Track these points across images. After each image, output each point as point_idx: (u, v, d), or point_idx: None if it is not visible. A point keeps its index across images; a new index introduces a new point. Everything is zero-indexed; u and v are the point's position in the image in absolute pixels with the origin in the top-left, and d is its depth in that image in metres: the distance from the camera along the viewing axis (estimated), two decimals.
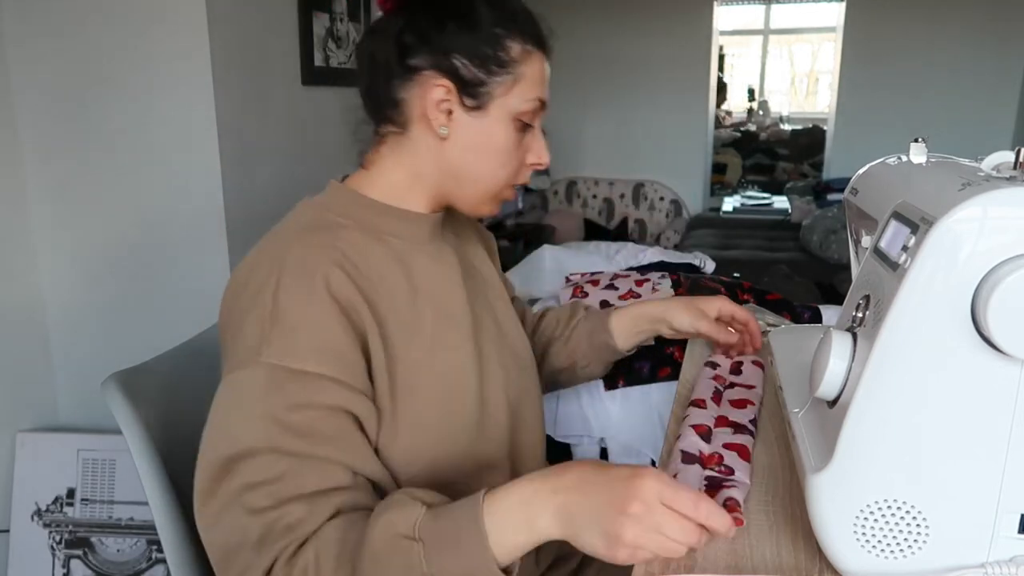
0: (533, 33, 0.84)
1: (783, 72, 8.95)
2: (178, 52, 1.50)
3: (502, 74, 0.81)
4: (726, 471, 0.76)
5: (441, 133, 0.81)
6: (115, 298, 1.63)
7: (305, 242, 0.77)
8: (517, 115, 0.82)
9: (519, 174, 0.87)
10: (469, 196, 0.86)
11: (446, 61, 0.80)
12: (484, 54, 0.80)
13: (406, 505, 0.63)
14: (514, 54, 0.81)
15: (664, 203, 4.51)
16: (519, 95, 0.82)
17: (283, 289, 0.72)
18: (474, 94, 0.81)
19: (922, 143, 0.72)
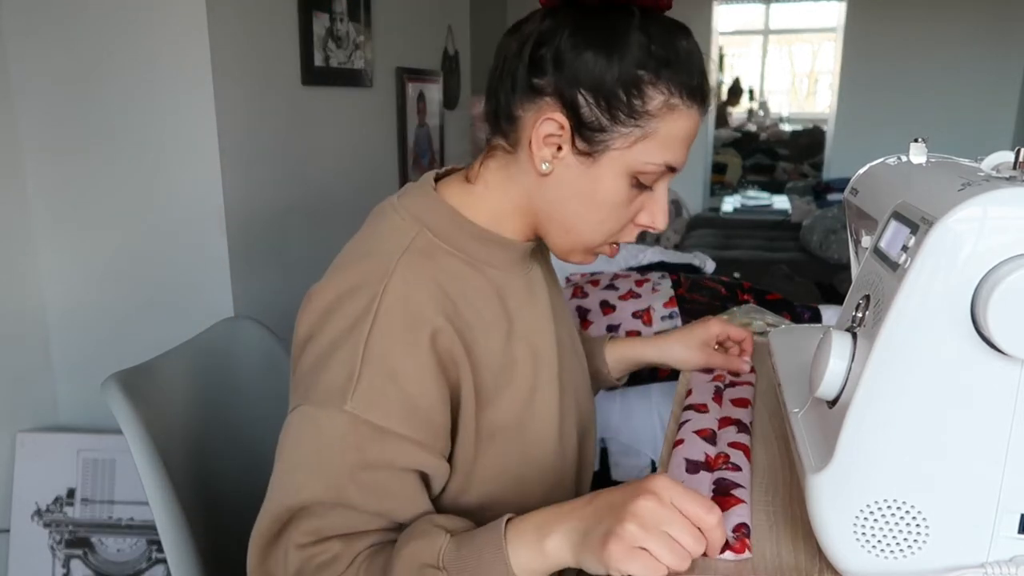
0: (688, 85, 0.70)
1: (783, 72, 8.95)
2: (178, 52, 1.50)
3: (629, 124, 0.70)
4: (733, 468, 0.76)
5: (542, 169, 0.72)
6: (115, 298, 1.63)
7: (409, 274, 0.70)
8: (635, 174, 0.72)
9: (624, 232, 0.77)
10: (561, 242, 0.78)
11: (571, 91, 0.70)
12: (614, 96, 0.69)
13: (429, 534, 0.62)
14: (651, 106, 0.69)
15: None
16: (642, 154, 0.71)
17: (381, 332, 0.66)
18: (589, 139, 0.70)
19: (922, 143, 0.72)
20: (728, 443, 0.81)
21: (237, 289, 1.61)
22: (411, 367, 0.67)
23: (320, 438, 0.66)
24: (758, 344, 1.17)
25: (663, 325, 1.75)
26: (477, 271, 0.76)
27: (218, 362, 1.05)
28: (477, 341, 0.73)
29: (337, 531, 0.65)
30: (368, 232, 0.77)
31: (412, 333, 0.67)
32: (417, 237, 0.74)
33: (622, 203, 0.74)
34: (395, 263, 0.70)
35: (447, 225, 0.76)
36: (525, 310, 0.80)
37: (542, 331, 0.81)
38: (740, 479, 0.74)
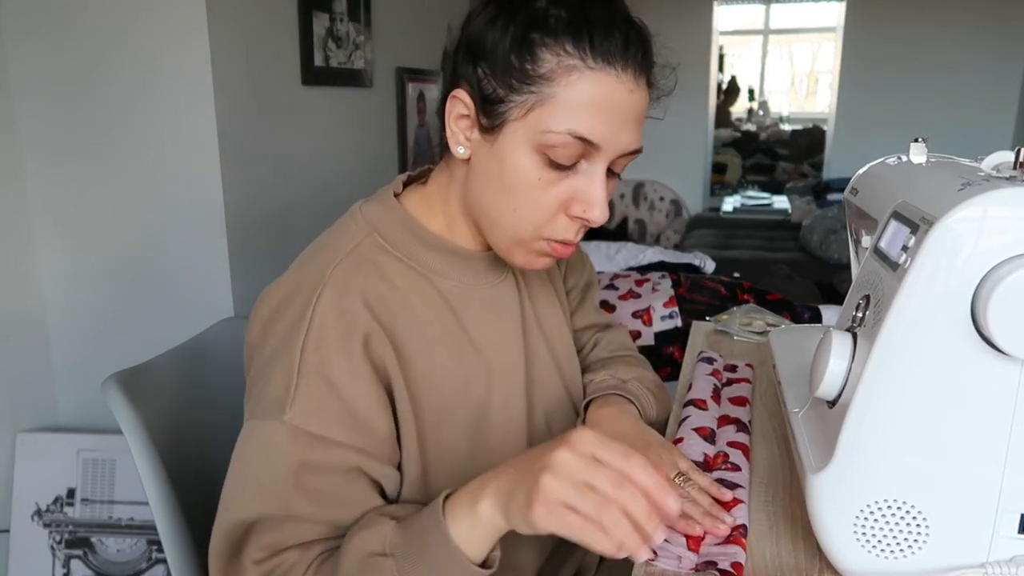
0: (594, 44, 0.63)
1: (783, 72, 8.95)
2: (178, 52, 1.50)
3: (523, 91, 0.64)
4: (732, 468, 0.76)
5: (459, 153, 0.69)
6: (115, 298, 1.63)
7: (344, 281, 0.68)
8: (539, 147, 0.65)
9: (555, 225, 0.68)
10: (494, 240, 0.71)
11: (472, 67, 0.66)
12: (507, 63, 0.64)
13: (374, 523, 0.62)
14: (544, 68, 0.63)
15: (664, 203, 4.51)
16: (539, 121, 0.64)
17: (316, 342, 0.65)
18: (489, 112, 0.66)
19: (922, 143, 0.72)
20: (727, 442, 0.81)
21: (237, 289, 1.61)
22: (347, 375, 0.65)
23: (264, 451, 0.65)
24: (758, 344, 1.18)
25: (663, 325, 1.76)
26: (427, 281, 0.73)
27: (218, 362, 1.05)
28: (419, 352, 0.70)
29: (291, 542, 0.64)
30: (325, 235, 0.75)
31: (346, 341, 0.66)
32: (364, 242, 0.71)
33: (535, 185, 0.66)
34: (332, 270, 0.68)
35: (399, 232, 0.73)
36: (485, 324, 0.75)
37: (505, 347, 0.77)
38: (739, 479, 0.74)
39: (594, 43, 0.63)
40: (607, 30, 0.64)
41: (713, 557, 0.64)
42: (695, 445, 0.80)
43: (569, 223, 0.69)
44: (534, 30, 0.64)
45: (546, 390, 0.82)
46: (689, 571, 0.63)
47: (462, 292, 0.75)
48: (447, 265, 0.74)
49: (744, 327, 1.23)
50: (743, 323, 1.24)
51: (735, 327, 1.23)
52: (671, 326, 1.74)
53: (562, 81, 0.63)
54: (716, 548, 0.65)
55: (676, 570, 0.63)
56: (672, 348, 1.69)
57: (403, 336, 0.70)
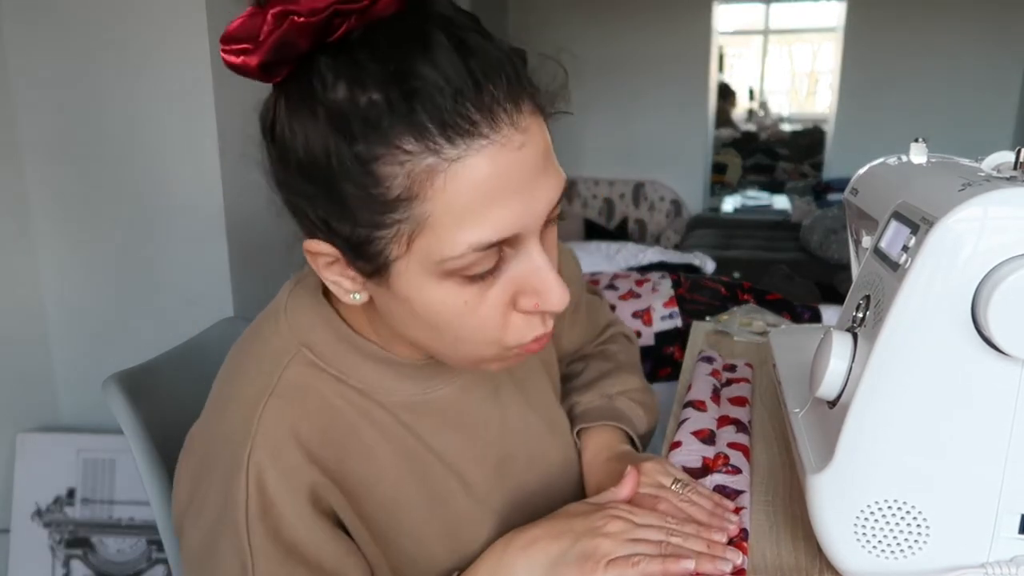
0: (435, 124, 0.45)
1: (783, 72, 8.95)
2: (178, 52, 1.50)
3: (390, 223, 0.48)
4: (733, 471, 0.76)
5: (354, 300, 0.55)
6: (115, 298, 1.63)
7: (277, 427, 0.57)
8: (444, 273, 0.50)
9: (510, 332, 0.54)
10: (461, 357, 0.57)
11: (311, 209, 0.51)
12: (349, 196, 0.48)
13: None
14: (397, 189, 0.47)
15: (664, 203, 4.51)
16: (429, 252, 0.49)
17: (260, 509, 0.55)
18: (361, 254, 0.50)
19: (922, 143, 0.72)
20: (727, 443, 0.81)
21: (237, 289, 1.61)
22: (304, 532, 0.56)
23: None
24: (758, 344, 1.18)
25: (663, 325, 1.76)
26: (369, 399, 0.61)
27: (218, 362, 1.05)
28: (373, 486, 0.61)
29: None
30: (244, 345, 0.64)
31: (293, 501, 0.56)
32: (292, 363, 0.59)
33: (464, 309, 0.51)
34: (258, 416, 0.57)
35: (333, 344, 0.60)
36: (447, 432, 0.65)
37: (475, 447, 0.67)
38: (739, 483, 0.74)
39: (438, 118, 0.45)
40: (442, 86, 0.45)
41: None
42: (694, 449, 0.80)
43: (527, 319, 0.54)
44: (355, 142, 0.46)
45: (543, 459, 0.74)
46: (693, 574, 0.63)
47: (412, 402, 0.63)
48: (391, 379, 0.62)
49: (744, 327, 1.23)
50: (743, 323, 1.24)
51: (735, 327, 1.23)
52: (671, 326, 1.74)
53: (427, 193, 0.47)
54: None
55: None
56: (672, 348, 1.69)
57: (353, 473, 0.60)
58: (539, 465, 0.73)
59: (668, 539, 0.60)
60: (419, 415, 0.63)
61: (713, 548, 0.61)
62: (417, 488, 0.63)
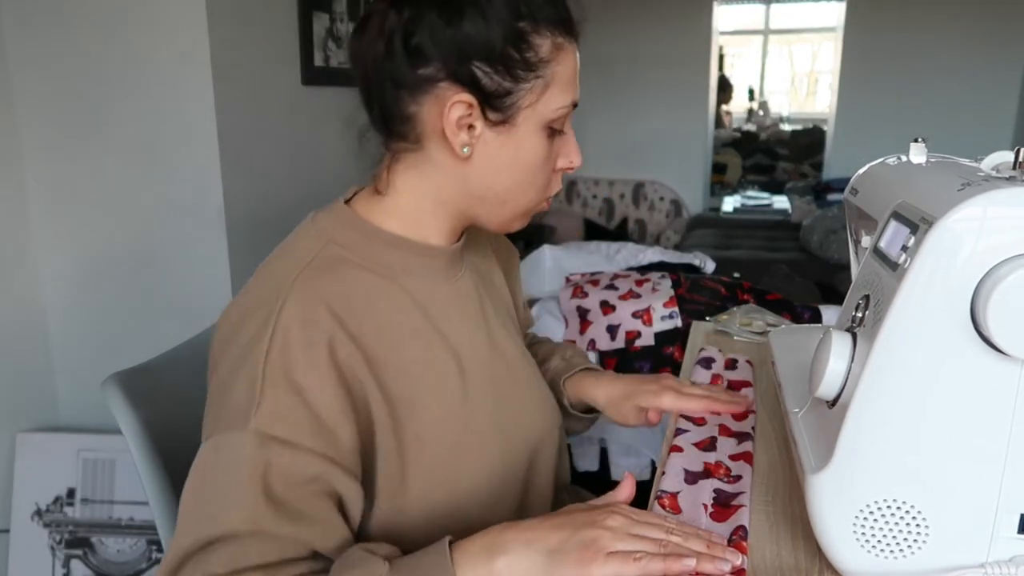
0: (563, 20, 0.71)
1: (783, 72, 8.95)
2: (178, 52, 1.50)
3: (531, 78, 0.69)
4: (734, 480, 0.76)
5: (463, 153, 0.70)
6: (115, 298, 1.63)
7: (306, 291, 0.67)
8: (549, 123, 0.71)
9: (551, 184, 0.77)
10: (497, 216, 0.76)
11: (464, 68, 0.67)
12: (508, 56, 0.68)
13: (366, 562, 0.59)
14: (544, 52, 0.69)
15: (664, 203, 4.51)
16: (551, 101, 0.71)
17: (280, 350, 0.64)
18: (499, 106, 0.69)
19: (922, 143, 0.72)
20: (728, 455, 0.80)
21: (237, 289, 1.60)
22: (314, 381, 0.64)
23: (228, 464, 0.62)
24: (758, 344, 1.18)
25: (663, 325, 1.76)
26: (391, 281, 0.73)
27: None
28: (388, 351, 0.70)
29: (255, 561, 0.60)
30: (279, 248, 0.76)
31: (310, 350, 0.65)
32: (322, 252, 0.72)
33: (545, 156, 0.73)
34: (292, 281, 0.68)
35: (356, 237, 0.74)
36: (453, 319, 0.77)
37: (471, 341, 0.78)
38: (741, 487, 0.74)
39: (563, 20, 0.71)
40: (561, 5, 0.72)
41: None
42: (694, 457, 0.80)
43: (557, 178, 0.77)
44: (519, 20, 0.68)
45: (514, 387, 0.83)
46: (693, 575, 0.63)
47: (425, 289, 0.76)
48: (408, 263, 0.75)
49: (744, 327, 1.23)
50: (743, 323, 1.24)
51: (735, 327, 1.23)
52: (671, 326, 1.74)
53: (557, 59, 0.70)
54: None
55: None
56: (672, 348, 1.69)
57: (371, 339, 0.69)
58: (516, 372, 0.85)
59: (668, 537, 0.61)
60: (431, 299, 0.76)
61: (713, 548, 0.61)
62: (425, 362, 0.73)
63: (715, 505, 0.72)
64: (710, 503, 0.72)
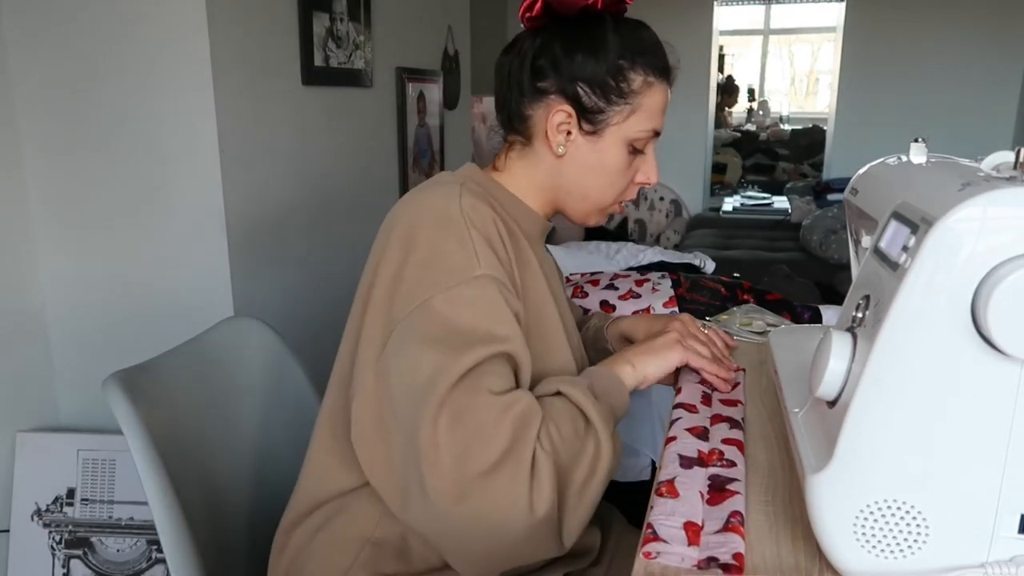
0: (657, 65, 0.90)
1: (783, 72, 8.94)
2: (178, 52, 1.50)
3: (621, 104, 0.89)
4: (728, 464, 0.77)
5: (558, 152, 0.90)
6: (115, 298, 1.63)
7: (471, 195, 0.83)
8: (630, 141, 0.90)
9: (627, 192, 0.96)
10: (579, 208, 0.95)
11: (571, 87, 0.88)
12: (606, 84, 0.88)
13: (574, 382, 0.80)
14: (635, 86, 0.89)
15: (664, 203, 4.50)
16: (634, 124, 0.90)
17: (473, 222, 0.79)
18: (592, 120, 0.89)
19: (922, 143, 0.72)
20: (721, 439, 0.82)
21: (237, 289, 1.61)
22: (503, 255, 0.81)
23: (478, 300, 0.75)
24: (758, 344, 1.18)
25: None
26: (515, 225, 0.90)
27: (219, 362, 1.05)
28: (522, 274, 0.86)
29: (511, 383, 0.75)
30: (422, 186, 0.89)
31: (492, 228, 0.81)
32: (465, 183, 0.86)
33: (624, 167, 0.92)
34: (459, 188, 0.83)
35: (489, 185, 0.92)
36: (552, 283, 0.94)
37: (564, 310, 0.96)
38: (735, 474, 0.75)
39: (657, 64, 0.90)
40: (659, 54, 0.91)
41: (713, 551, 0.64)
42: (688, 443, 0.81)
43: (633, 188, 0.97)
44: (622, 59, 0.88)
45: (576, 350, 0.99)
46: (692, 568, 0.63)
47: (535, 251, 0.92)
48: (523, 217, 0.93)
49: (744, 327, 1.23)
50: (743, 323, 1.24)
51: (735, 327, 1.23)
52: None
53: (645, 93, 0.90)
54: (715, 539, 0.65)
55: (678, 567, 0.63)
56: None
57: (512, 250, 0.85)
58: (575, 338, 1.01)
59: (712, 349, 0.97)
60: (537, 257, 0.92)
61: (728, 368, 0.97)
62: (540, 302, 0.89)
63: (711, 491, 0.72)
64: (705, 490, 0.73)
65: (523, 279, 0.86)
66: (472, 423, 0.68)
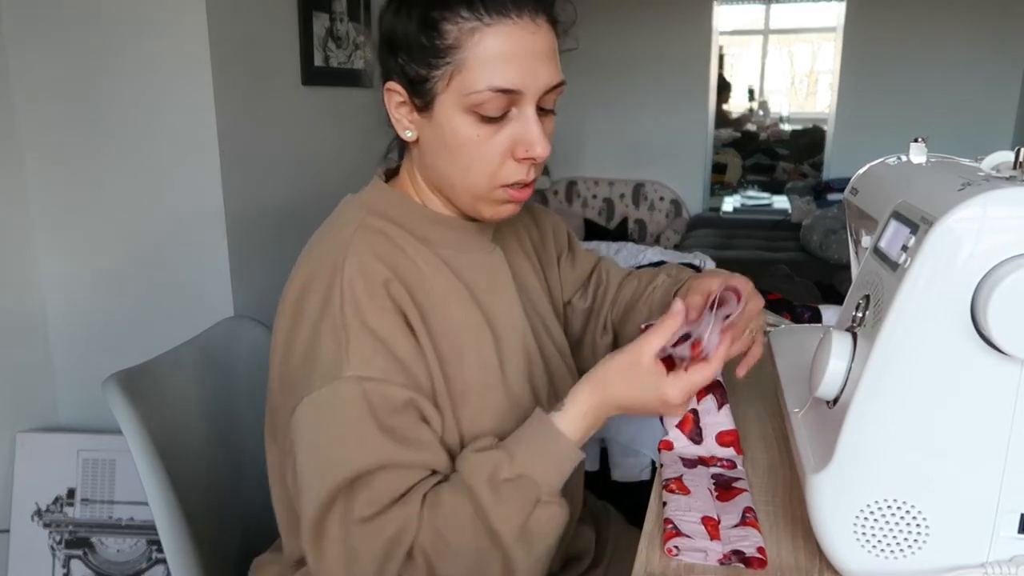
0: (481, 1, 0.69)
1: (783, 72, 8.94)
2: (178, 52, 1.50)
3: (440, 65, 0.70)
4: (728, 465, 0.77)
5: (406, 137, 0.76)
6: (115, 298, 1.63)
7: (361, 245, 0.74)
8: (470, 108, 0.71)
9: (507, 169, 0.74)
10: (457, 200, 0.78)
11: (392, 59, 0.74)
12: (418, 46, 0.71)
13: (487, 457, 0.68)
14: (450, 39, 0.69)
15: (664, 203, 4.50)
16: (462, 86, 0.70)
17: (351, 301, 0.70)
18: (419, 92, 0.73)
19: (922, 143, 0.72)
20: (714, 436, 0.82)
21: (237, 289, 1.61)
22: (387, 324, 0.70)
23: (336, 412, 0.68)
24: None
25: None
26: (427, 249, 0.78)
27: (218, 362, 1.05)
28: (433, 308, 0.75)
29: (390, 496, 0.67)
30: (324, 225, 0.81)
31: (375, 296, 0.71)
32: (367, 218, 0.77)
33: (476, 142, 0.72)
34: (346, 241, 0.74)
35: (395, 207, 0.79)
36: (483, 288, 0.81)
37: (506, 307, 0.83)
38: (737, 474, 0.76)
39: (485, 1, 0.69)
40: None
41: (736, 544, 0.64)
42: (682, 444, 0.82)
43: (518, 166, 0.75)
44: (431, 9, 0.70)
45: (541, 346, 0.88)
46: (716, 564, 0.64)
47: (459, 259, 0.80)
48: (441, 234, 0.80)
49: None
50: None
51: None
52: None
53: (468, 44, 0.69)
54: (735, 533, 0.66)
55: (703, 564, 0.64)
56: None
57: (418, 294, 0.75)
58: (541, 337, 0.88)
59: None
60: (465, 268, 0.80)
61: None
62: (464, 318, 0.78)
63: (718, 488, 0.73)
64: (713, 488, 0.73)
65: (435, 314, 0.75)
66: (342, 554, 0.67)
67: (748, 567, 0.63)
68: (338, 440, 0.68)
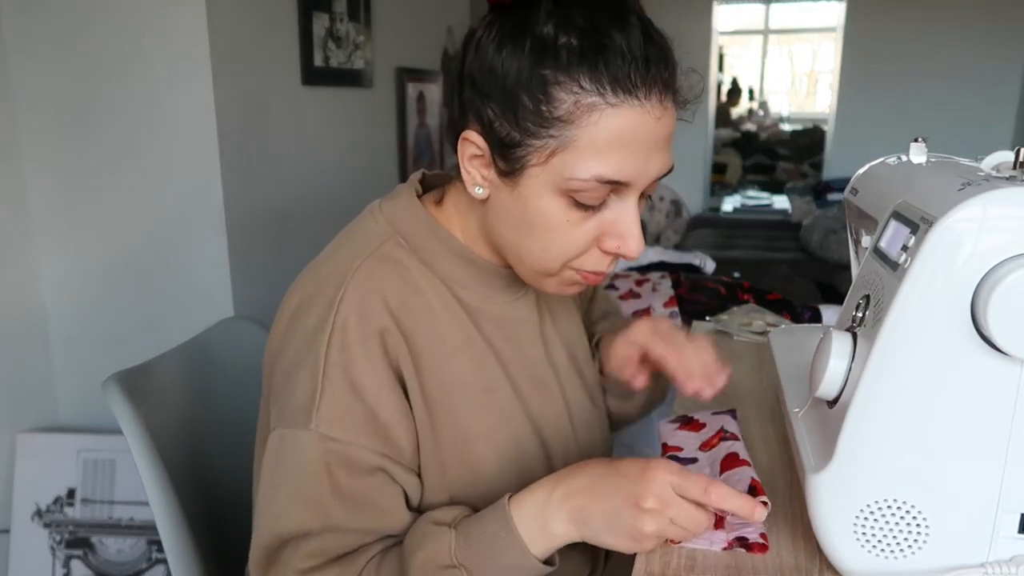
0: (618, 75, 0.58)
1: (783, 72, 8.94)
2: (178, 52, 1.50)
3: (541, 135, 0.59)
4: (732, 437, 0.79)
5: (476, 193, 0.65)
6: (115, 298, 1.63)
7: (367, 280, 0.66)
8: (566, 192, 0.61)
9: (588, 259, 0.65)
10: (520, 270, 0.69)
11: (481, 106, 0.61)
12: (518, 104, 0.59)
13: (434, 535, 0.62)
14: (561, 110, 0.58)
15: (664, 203, 4.50)
16: (564, 167, 0.59)
17: (339, 345, 0.64)
18: (506, 156, 0.61)
19: (922, 143, 0.72)
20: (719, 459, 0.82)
21: (237, 289, 1.61)
22: (371, 379, 0.64)
23: (294, 461, 0.65)
24: (758, 344, 1.18)
25: None
26: (447, 289, 0.70)
27: (218, 362, 1.05)
28: (437, 360, 0.69)
29: (335, 553, 0.65)
30: (344, 234, 0.74)
31: (368, 344, 0.65)
32: (386, 243, 0.69)
33: (564, 226, 0.62)
34: (354, 270, 0.67)
35: (423, 235, 0.70)
36: (502, 338, 0.73)
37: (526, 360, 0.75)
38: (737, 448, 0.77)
39: (613, 73, 0.58)
40: (625, 53, 0.58)
41: (740, 532, 0.65)
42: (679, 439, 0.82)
43: (601, 256, 0.66)
44: (544, 66, 0.58)
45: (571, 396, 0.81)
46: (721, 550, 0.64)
47: (481, 305, 0.72)
48: (468, 276, 0.71)
49: (744, 327, 1.23)
50: (743, 323, 1.24)
51: (735, 327, 1.23)
52: None
53: (582, 122, 0.58)
54: (739, 521, 0.66)
55: (707, 549, 0.64)
56: None
57: (423, 342, 0.68)
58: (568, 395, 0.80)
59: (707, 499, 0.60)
60: (485, 315, 0.72)
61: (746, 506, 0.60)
62: (474, 376, 0.70)
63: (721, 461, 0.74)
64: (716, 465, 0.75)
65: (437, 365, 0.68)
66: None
67: (749, 552, 0.64)
68: (292, 493, 0.65)
